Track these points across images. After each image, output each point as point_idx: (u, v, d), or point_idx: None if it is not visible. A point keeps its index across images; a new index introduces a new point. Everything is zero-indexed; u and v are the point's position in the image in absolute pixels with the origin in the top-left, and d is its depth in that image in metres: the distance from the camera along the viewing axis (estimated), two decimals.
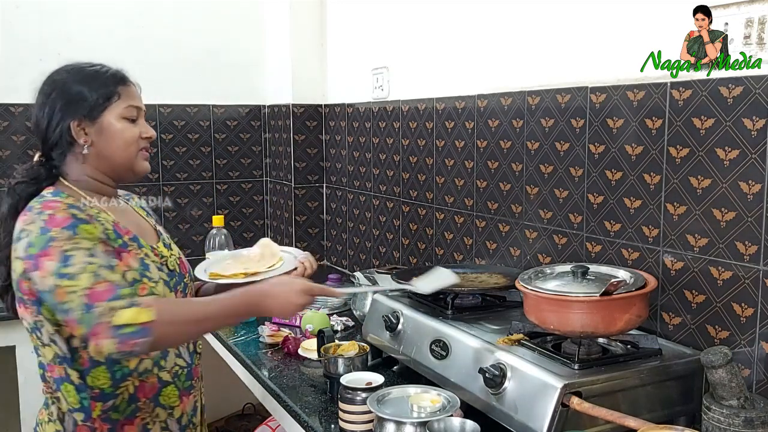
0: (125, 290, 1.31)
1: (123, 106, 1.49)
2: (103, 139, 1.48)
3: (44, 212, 1.36)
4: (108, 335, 1.25)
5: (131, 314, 1.26)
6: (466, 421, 1.36)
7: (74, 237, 1.33)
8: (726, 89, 1.45)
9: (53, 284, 1.30)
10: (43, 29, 3.14)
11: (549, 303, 1.45)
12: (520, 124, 2.02)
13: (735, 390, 1.28)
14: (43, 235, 1.33)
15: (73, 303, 1.28)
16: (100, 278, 1.30)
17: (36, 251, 1.33)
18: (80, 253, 1.32)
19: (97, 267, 1.31)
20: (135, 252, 1.46)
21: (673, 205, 1.59)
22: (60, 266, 1.30)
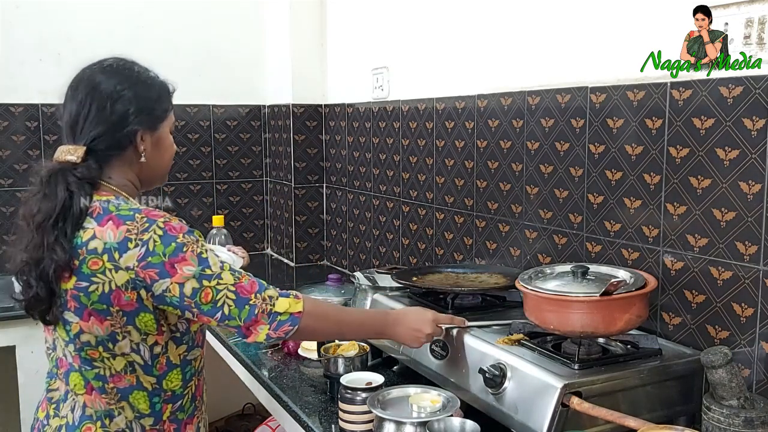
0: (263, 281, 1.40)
1: (173, 121, 1.53)
2: (156, 150, 1.49)
3: (156, 220, 1.35)
4: (266, 321, 1.36)
5: (287, 303, 1.39)
6: (466, 421, 1.36)
7: (199, 240, 1.38)
8: (726, 89, 1.45)
9: (196, 286, 1.33)
10: (43, 29, 3.14)
11: (549, 303, 1.45)
12: (520, 124, 2.02)
13: (735, 390, 1.28)
14: (170, 242, 1.33)
15: (223, 299, 1.35)
16: (240, 274, 1.38)
17: (165, 259, 1.32)
18: (210, 255, 1.38)
19: (228, 265, 1.39)
20: None
21: (673, 205, 1.59)
22: (201, 269, 1.34)
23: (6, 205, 3.18)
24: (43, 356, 2.88)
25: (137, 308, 1.34)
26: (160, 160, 1.51)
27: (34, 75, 3.16)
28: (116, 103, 1.41)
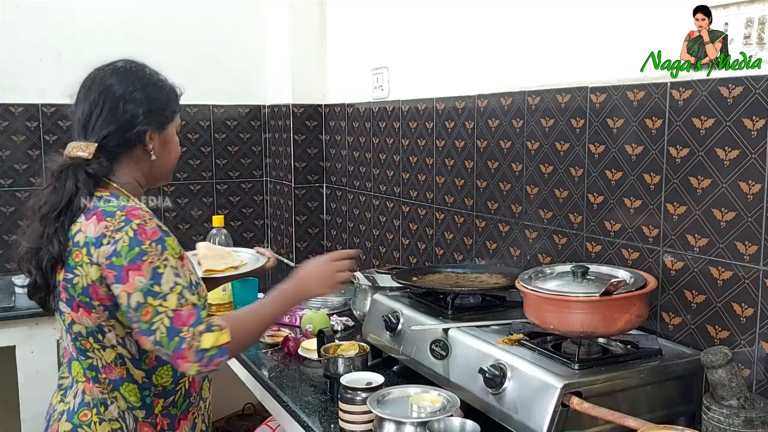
0: (204, 312, 1.36)
1: (179, 121, 1.57)
2: (164, 149, 1.52)
3: (132, 221, 1.36)
4: (193, 359, 1.31)
5: (213, 338, 1.32)
6: (466, 421, 1.36)
7: (164, 252, 1.35)
8: (726, 89, 1.45)
9: (141, 301, 1.32)
10: (43, 29, 3.14)
11: (549, 303, 1.45)
12: (520, 124, 2.02)
13: (735, 390, 1.28)
14: (135, 247, 1.33)
15: (158, 323, 1.31)
16: (185, 300, 1.34)
17: (125, 263, 1.33)
18: (169, 271, 1.34)
19: (182, 288, 1.34)
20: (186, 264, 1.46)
21: (673, 205, 1.59)
22: (151, 283, 1.32)
23: (6, 205, 3.18)
24: (42, 356, 2.90)
25: (115, 303, 1.37)
26: (166, 159, 1.55)
27: (35, 75, 3.16)
28: (128, 104, 1.46)
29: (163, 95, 1.53)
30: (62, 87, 3.50)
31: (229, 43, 3.47)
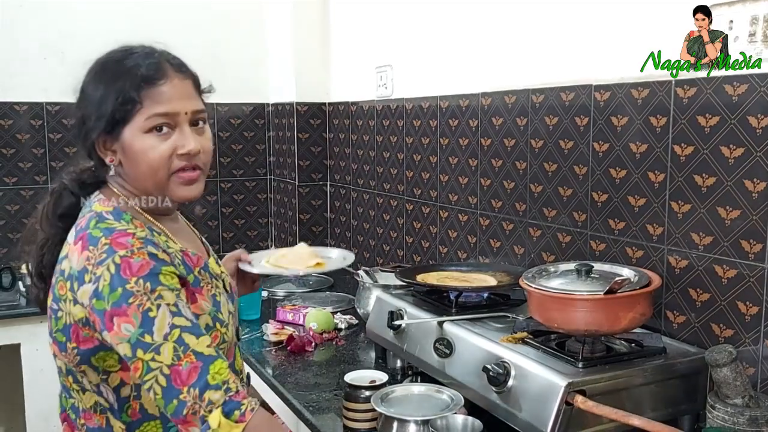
0: (215, 365, 1.08)
1: (144, 118, 1.17)
2: (128, 161, 1.20)
3: (116, 252, 1.11)
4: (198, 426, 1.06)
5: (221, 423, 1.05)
6: (469, 418, 1.36)
7: (156, 289, 1.09)
8: (731, 87, 1.45)
9: (128, 354, 1.08)
10: (47, 28, 3.15)
11: (553, 301, 1.45)
12: (524, 122, 2.02)
13: (740, 388, 1.28)
14: (117, 287, 1.08)
15: (151, 383, 1.07)
16: (185, 350, 1.07)
17: (107, 307, 1.09)
18: (163, 311, 1.08)
19: (180, 332, 1.08)
20: (207, 287, 1.24)
21: (677, 204, 1.58)
22: (140, 332, 1.07)
23: (11, 204, 3.19)
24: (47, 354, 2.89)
25: (96, 346, 1.16)
26: (136, 172, 1.20)
27: (39, 73, 3.16)
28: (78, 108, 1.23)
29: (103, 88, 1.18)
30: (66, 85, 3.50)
31: (232, 42, 3.47)
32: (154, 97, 1.17)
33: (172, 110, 1.18)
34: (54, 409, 2.79)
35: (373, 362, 2.01)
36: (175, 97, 1.19)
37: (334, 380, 1.88)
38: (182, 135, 1.19)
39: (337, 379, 1.87)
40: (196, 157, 1.22)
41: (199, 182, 1.24)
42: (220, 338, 1.21)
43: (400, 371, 1.87)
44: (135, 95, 1.16)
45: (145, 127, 1.17)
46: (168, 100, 1.18)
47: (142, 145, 1.17)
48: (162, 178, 1.20)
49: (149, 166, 1.18)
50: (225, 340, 1.23)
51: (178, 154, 1.19)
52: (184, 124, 1.20)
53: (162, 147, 1.18)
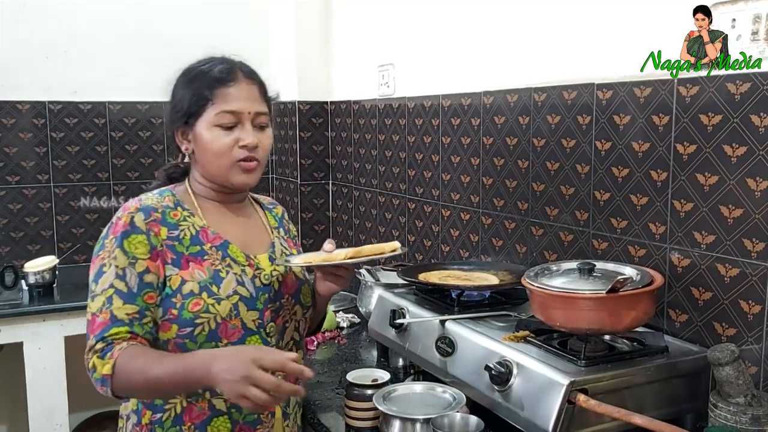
0: (118, 329, 1.29)
1: (214, 113, 1.38)
2: (198, 148, 1.42)
3: (118, 213, 1.38)
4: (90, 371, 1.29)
5: (97, 364, 1.27)
6: (470, 416, 1.36)
7: (115, 250, 1.33)
8: (733, 85, 1.45)
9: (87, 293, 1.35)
10: (50, 27, 3.15)
11: (555, 300, 1.45)
12: (527, 120, 2.02)
13: (742, 387, 1.28)
14: (101, 240, 1.37)
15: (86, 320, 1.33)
16: (107, 308, 1.30)
17: (93, 254, 1.37)
18: (111, 270, 1.32)
19: (113, 293, 1.31)
20: (211, 261, 1.38)
21: (680, 202, 1.58)
22: (93, 280, 1.34)
23: (13, 202, 3.19)
24: (50, 352, 2.90)
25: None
26: (204, 159, 1.42)
27: (41, 73, 3.17)
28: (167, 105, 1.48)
29: (185, 88, 1.42)
30: (69, 85, 3.51)
31: (234, 41, 3.42)
32: (223, 97, 1.39)
33: (237, 109, 1.39)
34: (56, 407, 2.81)
35: (375, 361, 2.01)
36: (242, 98, 1.40)
37: (336, 379, 1.88)
38: (244, 131, 1.40)
39: (339, 378, 1.88)
40: (254, 150, 1.40)
41: (255, 172, 1.43)
42: (202, 306, 1.34)
43: (402, 370, 1.87)
44: (208, 93, 1.39)
45: (213, 121, 1.38)
46: (235, 100, 1.39)
47: (210, 135, 1.39)
48: (224, 165, 1.40)
49: (214, 153, 1.39)
50: (209, 311, 1.35)
51: (239, 146, 1.39)
52: (246, 122, 1.40)
53: (226, 138, 1.38)
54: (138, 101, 3.34)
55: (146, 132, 3.39)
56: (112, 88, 3.27)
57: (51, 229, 3.27)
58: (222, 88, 1.39)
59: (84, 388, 3.02)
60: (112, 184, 3.36)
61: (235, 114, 1.39)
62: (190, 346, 1.33)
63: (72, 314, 2.66)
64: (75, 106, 3.25)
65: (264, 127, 1.45)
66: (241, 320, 1.38)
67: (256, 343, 1.40)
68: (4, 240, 3.19)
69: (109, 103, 3.30)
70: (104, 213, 3.34)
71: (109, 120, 3.31)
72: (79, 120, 3.26)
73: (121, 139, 3.35)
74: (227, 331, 1.36)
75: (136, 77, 3.28)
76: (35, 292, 2.75)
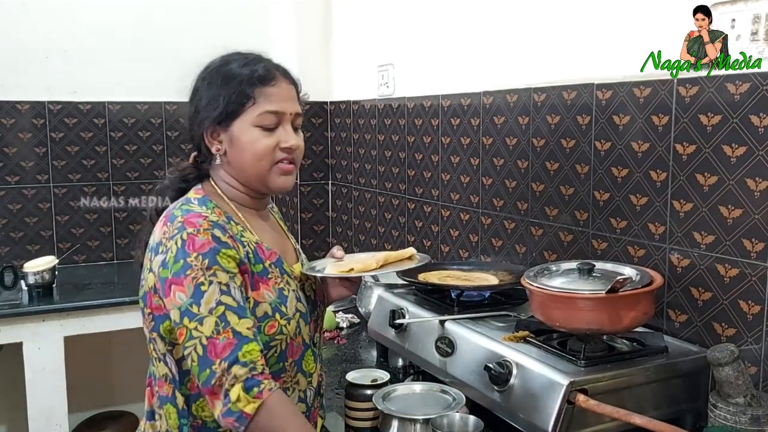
0: (249, 346, 1.17)
1: (256, 113, 1.31)
2: (234, 150, 1.32)
3: (185, 229, 1.23)
4: (221, 398, 1.15)
5: (240, 397, 1.14)
6: (469, 416, 1.36)
7: (212, 267, 1.20)
8: (733, 86, 1.45)
9: (177, 320, 1.20)
10: (50, 27, 3.15)
11: (555, 300, 1.45)
12: (526, 121, 2.02)
13: (741, 388, 1.28)
14: (180, 259, 1.21)
15: (191, 349, 1.18)
16: (225, 326, 1.17)
17: (169, 275, 1.21)
18: (214, 288, 1.19)
19: (224, 309, 1.18)
20: (275, 280, 1.32)
21: (679, 203, 1.58)
22: (189, 302, 1.19)
23: (13, 203, 3.19)
24: (49, 353, 2.90)
25: (164, 314, 1.25)
26: (241, 161, 1.32)
27: (41, 72, 3.17)
28: (192, 105, 1.37)
29: (221, 85, 1.32)
30: (68, 85, 3.51)
31: (234, 41, 3.40)
32: (266, 96, 1.32)
33: (280, 109, 1.32)
34: (55, 407, 2.81)
35: (374, 361, 2.01)
36: (284, 98, 1.34)
37: (335, 379, 1.88)
38: (286, 132, 1.33)
39: (338, 378, 1.88)
40: (294, 153, 1.35)
41: (293, 175, 1.37)
42: (277, 328, 1.29)
43: (402, 370, 1.87)
44: (250, 92, 1.31)
45: (255, 121, 1.31)
46: (278, 100, 1.33)
47: (251, 136, 1.31)
48: (264, 167, 1.33)
49: (255, 154, 1.31)
50: (283, 332, 1.30)
51: (281, 147, 1.33)
52: (287, 123, 1.34)
53: (268, 140, 1.31)
54: (138, 101, 3.34)
55: (146, 132, 3.39)
56: (112, 88, 3.27)
57: (50, 229, 3.27)
58: (265, 88, 1.32)
59: (83, 389, 3.03)
60: (111, 184, 3.35)
61: (277, 115, 1.32)
62: None
63: (71, 314, 2.67)
64: (74, 106, 3.25)
65: (298, 128, 1.38)
66: (302, 337, 1.36)
67: (309, 358, 1.38)
68: (3, 240, 3.19)
69: (109, 104, 3.30)
70: (104, 213, 3.34)
71: (108, 120, 3.31)
72: (78, 120, 3.26)
73: (121, 140, 3.35)
74: (293, 350, 1.34)
75: (136, 77, 3.28)
76: (35, 293, 2.75)
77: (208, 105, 1.32)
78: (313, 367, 1.40)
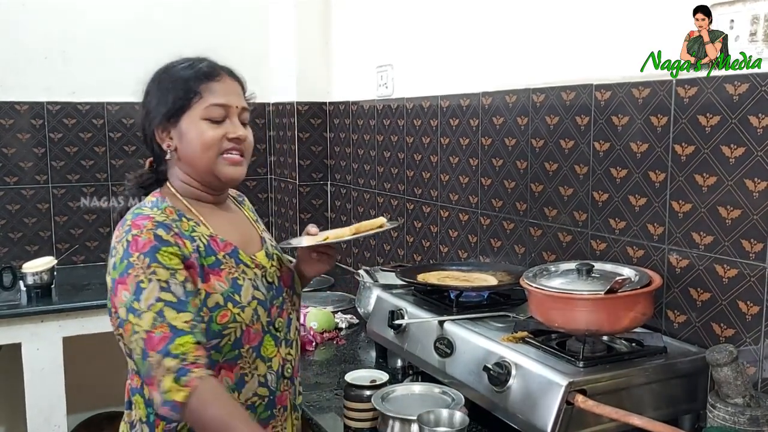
0: (183, 339, 1.22)
1: (203, 107, 1.37)
2: (184, 143, 1.38)
3: (131, 231, 1.29)
4: (157, 390, 1.21)
5: (170, 387, 1.19)
6: (455, 412, 1.36)
7: (152, 265, 1.26)
8: (731, 86, 1.45)
9: (123, 317, 1.26)
10: (49, 27, 3.15)
11: (554, 301, 1.45)
12: (525, 121, 2.02)
13: (740, 388, 1.28)
14: (124, 260, 1.27)
15: (133, 344, 1.24)
16: (162, 321, 1.23)
17: (117, 275, 1.28)
18: (153, 285, 1.25)
19: (163, 306, 1.24)
20: (228, 270, 1.36)
21: (678, 203, 1.58)
22: (131, 299, 1.25)
23: (11, 203, 3.19)
24: (48, 353, 2.89)
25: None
26: (190, 154, 1.38)
27: (40, 73, 3.17)
28: (143, 109, 1.44)
29: (168, 85, 1.40)
30: (67, 85, 3.50)
31: (233, 41, 3.46)
32: (211, 90, 1.39)
33: (226, 102, 1.39)
34: (54, 408, 2.81)
35: (373, 362, 2.01)
36: (229, 92, 1.41)
37: (334, 380, 1.88)
38: (233, 124, 1.40)
39: (337, 379, 1.88)
40: (241, 144, 1.41)
41: (242, 165, 1.42)
42: (230, 317, 1.33)
43: (401, 371, 1.87)
44: (196, 87, 1.38)
45: (203, 114, 1.37)
46: (224, 94, 1.40)
47: (199, 128, 1.37)
48: (212, 157, 1.38)
49: (202, 144, 1.37)
50: (236, 320, 1.34)
51: (228, 138, 1.38)
52: (234, 116, 1.41)
53: (215, 131, 1.37)
54: (136, 102, 3.27)
55: None
56: (111, 88, 3.26)
57: (49, 229, 3.27)
58: (210, 83, 1.39)
59: (82, 389, 3.03)
60: (110, 185, 3.35)
61: (224, 107, 1.39)
62: (215, 357, 1.32)
63: (70, 315, 2.66)
64: (73, 106, 3.25)
65: (245, 124, 1.45)
66: (261, 324, 1.39)
67: (269, 343, 1.41)
68: (2, 241, 3.18)
69: (108, 104, 3.30)
70: (102, 214, 3.34)
71: (107, 121, 3.31)
72: (77, 121, 3.26)
73: (120, 140, 3.35)
74: (249, 337, 1.37)
75: (135, 78, 3.26)
76: (33, 293, 2.75)
77: (157, 104, 1.40)
78: (273, 351, 1.42)
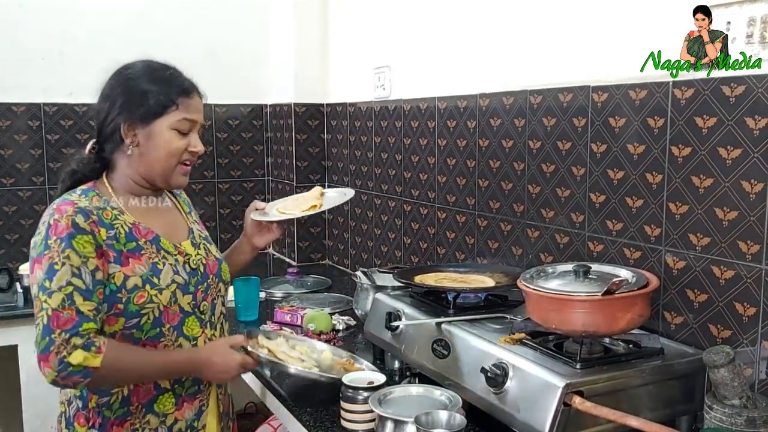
0: (88, 325, 1.35)
1: (177, 118, 1.51)
2: (149, 145, 1.50)
3: (54, 215, 1.41)
4: (54, 367, 1.32)
5: (83, 357, 1.32)
6: (454, 414, 1.36)
7: (66, 250, 1.37)
8: (728, 88, 1.45)
9: (35, 293, 1.38)
10: (46, 28, 3.15)
11: (551, 302, 1.45)
12: (522, 123, 2.02)
13: (737, 389, 1.28)
14: (43, 242, 1.39)
15: (39, 320, 1.34)
16: (71, 304, 1.35)
17: (35, 254, 1.40)
18: (66, 269, 1.36)
19: (73, 290, 1.36)
20: (149, 255, 1.49)
21: (675, 205, 1.59)
22: (44, 278, 1.36)
23: (8, 205, 3.18)
24: None
25: None
26: (153, 156, 1.51)
27: (37, 74, 3.16)
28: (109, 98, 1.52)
29: (151, 86, 1.50)
30: (64, 86, 3.50)
31: (231, 43, 3.47)
32: (186, 105, 1.53)
33: (195, 119, 1.56)
34: (51, 409, 2.80)
35: (371, 363, 2.01)
36: (198, 110, 1.58)
37: None
38: (195, 138, 1.56)
39: None
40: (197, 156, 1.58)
41: (188, 175, 1.60)
42: (147, 298, 1.46)
43: (398, 372, 1.87)
44: (175, 99, 1.51)
45: (174, 125, 1.51)
46: (195, 111, 1.56)
47: (168, 136, 1.51)
48: (172, 165, 1.53)
49: (168, 152, 1.51)
50: (153, 301, 1.46)
51: (189, 151, 1.55)
52: (195, 131, 1.56)
53: (180, 142, 1.53)
54: None
55: None
56: None
57: None
58: (187, 99, 1.53)
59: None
60: None
61: (192, 123, 1.54)
62: (137, 335, 1.46)
63: None
64: (70, 108, 3.24)
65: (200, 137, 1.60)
66: (179, 305, 1.51)
67: (193, 323, 1.54)
68: None
69: None
70: None
71: None
72: (74, 122, 3.26)
73: None
74: (168, 317, 1.49)
75: None
76: (30, 295, 2.74)
77: (132, 100, 1.49)
78: (198, 332, 1.56)
